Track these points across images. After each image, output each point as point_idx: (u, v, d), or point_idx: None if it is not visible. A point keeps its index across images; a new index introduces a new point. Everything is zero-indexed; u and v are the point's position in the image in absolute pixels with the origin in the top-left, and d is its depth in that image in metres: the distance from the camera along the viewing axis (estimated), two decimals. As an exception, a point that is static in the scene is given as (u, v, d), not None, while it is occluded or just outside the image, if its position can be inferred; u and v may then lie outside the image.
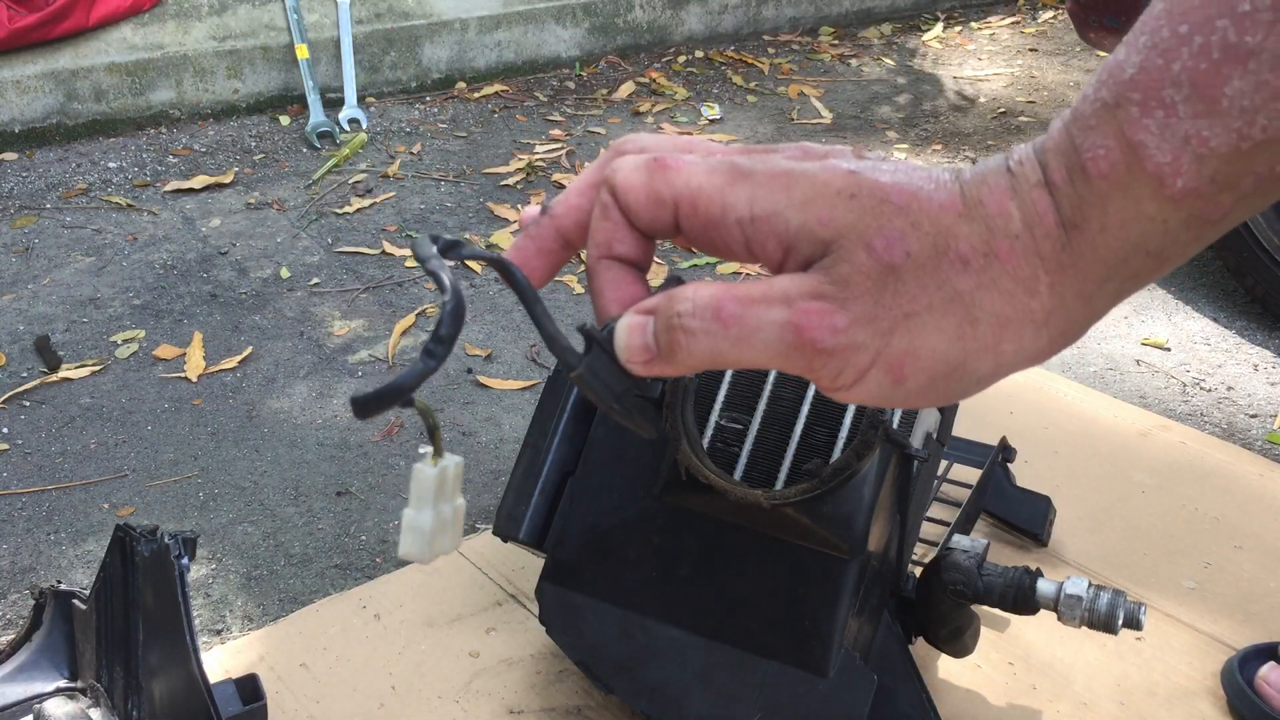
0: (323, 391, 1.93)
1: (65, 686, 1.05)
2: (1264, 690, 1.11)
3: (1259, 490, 1.49)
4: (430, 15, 3.42)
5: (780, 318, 0.39)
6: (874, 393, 0.39)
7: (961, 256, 0.38)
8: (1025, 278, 0.38)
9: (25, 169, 2.84)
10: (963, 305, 0.38)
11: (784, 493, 0.93)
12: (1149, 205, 0.36)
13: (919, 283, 0.38)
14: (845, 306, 0.38)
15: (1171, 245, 0.37)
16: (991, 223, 0.38)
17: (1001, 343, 0.39)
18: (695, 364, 0.41)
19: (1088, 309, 0.39)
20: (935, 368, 0.39)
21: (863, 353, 0.38)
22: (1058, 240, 0.38)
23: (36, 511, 1.62)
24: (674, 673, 1.00)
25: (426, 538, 0.48)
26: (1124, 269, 0.38)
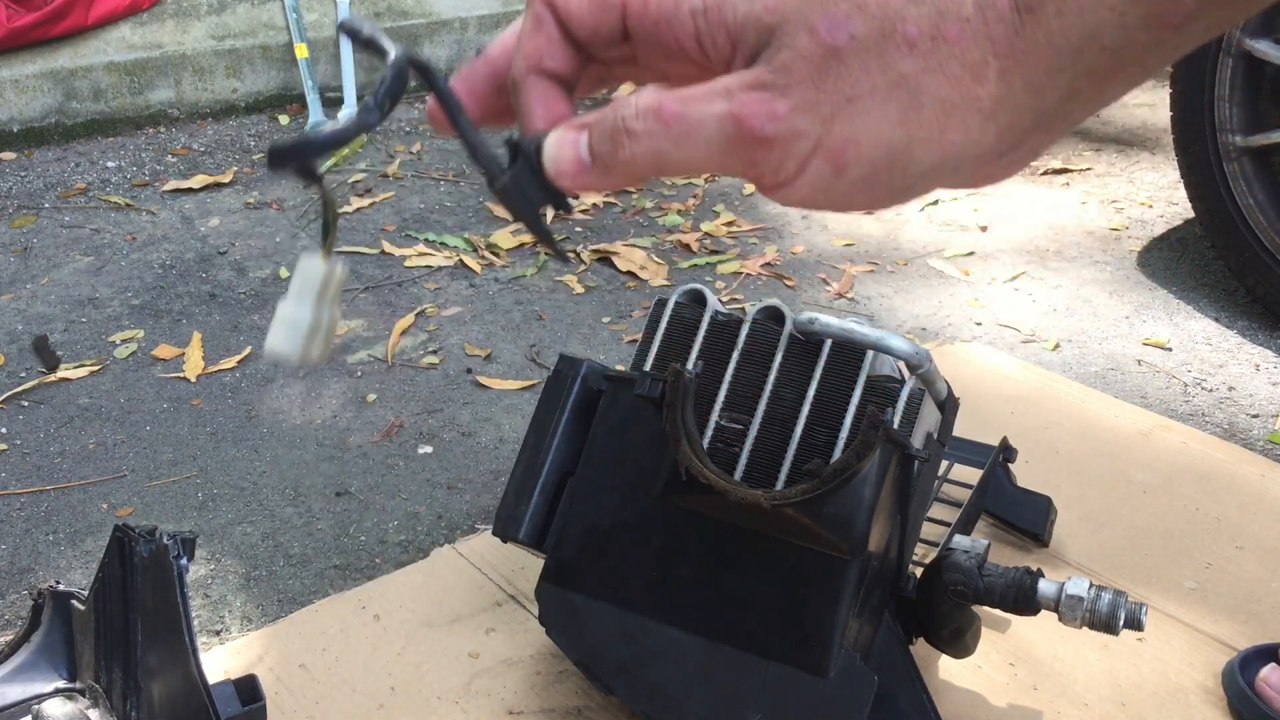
0: (322, 392, 1.93)
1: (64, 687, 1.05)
2: (1265, 692, 1.11)
3: (1261, 490, 1.49)
4: (430, 14, 3.42)
5: (720, 110, 0.38)
6: (816, 186, 0.38)
7: (908, 38, 0.37)
8: (973, 62, 0.37)
9: (24, 168, 2.84)
10: (907, 89, 0.37)
11: (784, 493, 0.93)
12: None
13: (862, 66, 0.37)
14: (786, 94, 0.37)
15: (1129, 44, 0.36)
16: (943, 5, 0.37)
17: (947, 130, 0.37)
18: (636, 170, 0.40)
19: (1036, 100, 0.37)
20: (877, 155, 0.37)
21: (803, 140, 0.37)
22: (1010, 24, 0.36)
23: (35, 511, 1.62)
24: (674, 673, 1.00)
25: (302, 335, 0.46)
26: (1077, 61, 0.36)
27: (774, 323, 1.05)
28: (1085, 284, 2.34)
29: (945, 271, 2.39)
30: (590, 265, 2.39)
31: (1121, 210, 2.71)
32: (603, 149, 0.40)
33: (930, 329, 2.16)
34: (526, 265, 2.39)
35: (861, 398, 0.99)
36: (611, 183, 0.41)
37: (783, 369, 1.02)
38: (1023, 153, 0.39)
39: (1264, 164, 2.07)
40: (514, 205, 0.43)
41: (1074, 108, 0.38)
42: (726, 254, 2.46)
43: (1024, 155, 0.39)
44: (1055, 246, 2.51)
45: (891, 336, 0.98)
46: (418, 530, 1.58)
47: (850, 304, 2.26)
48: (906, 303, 2.26)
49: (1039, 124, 0.38)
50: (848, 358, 1.01)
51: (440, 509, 1.62)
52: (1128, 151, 3.07)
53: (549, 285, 2.32)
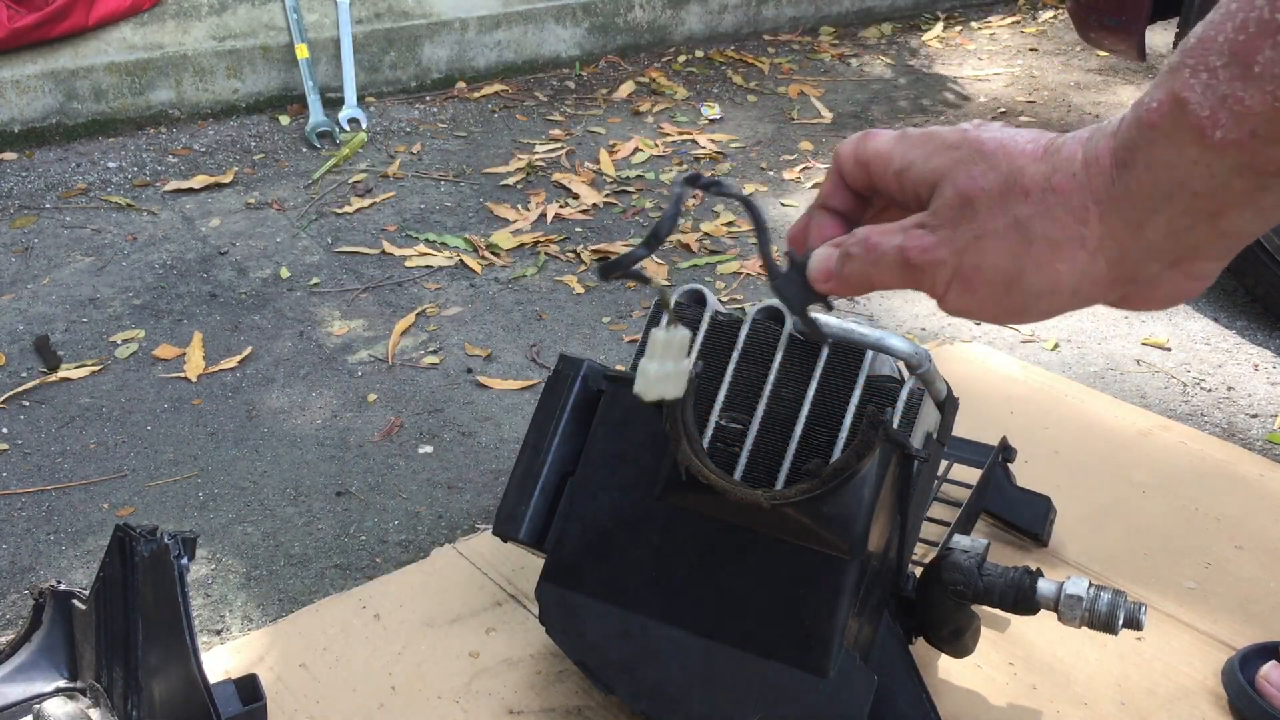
0: (323, 391, 1.93)
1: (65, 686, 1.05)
2: (1265, 689, 1.11)
3: (1260, 490, 1.49)
4: (430, 15, 3.42)
5: (896, 242, 0.51)
6: (959, 302, 0.50)
7: (1024, 189, 0.47)
8: (1076, 208, 0.46)
9: (25, 169, 2.84)
10: (1020, 229, 0.47)
11: (784, 493, 0.93)
12: (1190, 150, 0.42)
13: (989, 211, 0.48)
14: (935, 232, 0.49)
15: (1222, 189, 0.42)
16: (1058, 163, 0.47)
17: (1055, 261, 0.47)
18: (854, 282, 0.54)
19: (1138, 237, 0.45)
20: (996, 279, 0.48)
21: (944, 267, 0.49)
22: (1109, 177, 0.45)
23: (36, 511, 1.62)
24: (674, 673, 1.00)
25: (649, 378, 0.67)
26: (1170, 203, 0.44)
27: (774, 323, 1.05)
28: (1085, 284, 2.34)
29: (945, 271, 2.39)
30: (590, 265, 2.40)
31: (1121, 210, 2.71)
32: (839, 265, 0.55)
33: (930, 329, 2.16)
34: (526, 265, 2.40)
35: (861, 398, 0.99)
36: (847, 288, 0.55)
37: (783, 369, 1.02)
38: (1154, 280, 0.47)
39: (1263, 164, 2.07)
40: (783, 297, 0.59)
41: (1189, 240, 0.45)
42: (726, 254, 2.46)
43: (1160, 282, 0.47)
44: (1055, 246, 2.51)
45: (891, 336, 0.98)
46: (418, 530, 1.58)
47: (850, 304, 2.26)
48: (906, 303, 2.26)
49: (1150, 255, 0.46)
50: (848, 358, 1.01)
51: (440, 509, 1.63)
52: (1127, 151, 3.07)
53: (549, 285, 2.32)
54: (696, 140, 3.10)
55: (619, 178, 2.86)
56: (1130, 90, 3.54)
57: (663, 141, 3.09)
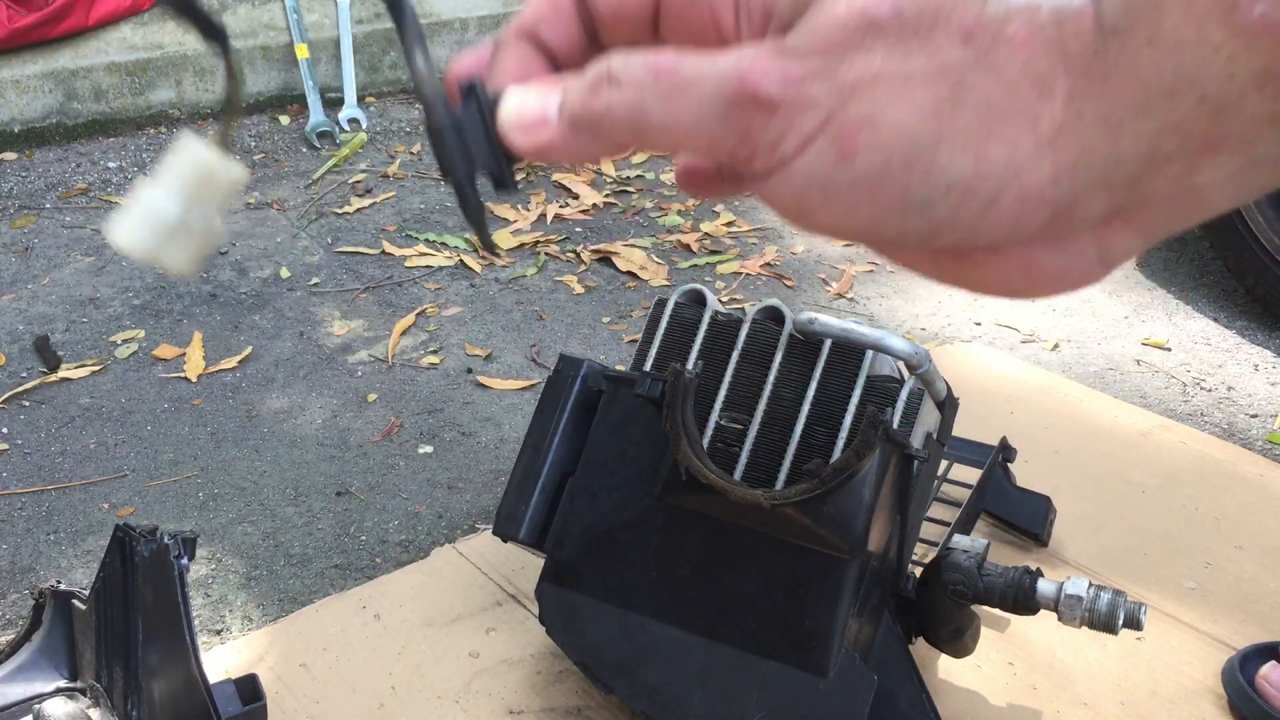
0: (323, 391, 1.93)
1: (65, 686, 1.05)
2: (1265, 689, 1.11)
3: (1259, 490, 1.49)
4: (430, 15, 3.42)
5: (725, 67, 0.31)
6: (814, 174, 0.31)
7: (964, 29, 0.31)
8: (1039, 71, 0.30)
9: (25, 169, 2.84)
10: (948, 80, 0.30)
11: (784, 493, 0.93)
12: (1214, 30, 0.28)
13: (901, 45, 0.31)
14: (804, 59, 0.31)
15: (1234, 103, 0.29)
16: (1013, 7, 0.31)
17: (989, 140, 0.30)
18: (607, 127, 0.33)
19: (1110, 143, 0.30)
20: (894, 145, 0.31)
21: (812, 110, 0.31)
22: (1091, 42, 0.30)
23: (36, 511, 1.62)
24: (674, 673, 1.00)
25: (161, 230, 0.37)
26: (1168, 105, 0.29)
27: (774, 323, 1.05)
28: (1085, 284, 2.34)
29: (945, 271, 2.39)
30: (590, 265, 2.40)
31: (1121, 210, 2.71)
32: (576, 99, 0.33)
33: (930, 329, 2.16)
34: (527, 265, 2.39)
35: (861, 398, 0.99)
36: (574, 147, 0.34)
37: (782, 369, 1.02)
38: (1076, 231, 0.32)
39: (1263, 164, 2.07)
40: (447, 153, 0.36)
41: (1155, 182, 0.31)
42: (726, 254, 2.46)
43: (1075, 243, 0.32)
44: (1055, 246, 2.51)
45: (891, 336, 0.98)
46: (418, 530, 1.58)
47: (850, 304, 2.26)
48: (906, 303, 2.26)
49: (1107, 182, 0.31)
50: (847, 358, 1.01)
51: (440, 509, 1.63)
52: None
53: (549, 285, 2.32)
54: None
55: (619, 178, 2.86)
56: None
57: (663, 141, 3.09)
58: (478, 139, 0.35)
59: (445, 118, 0.36)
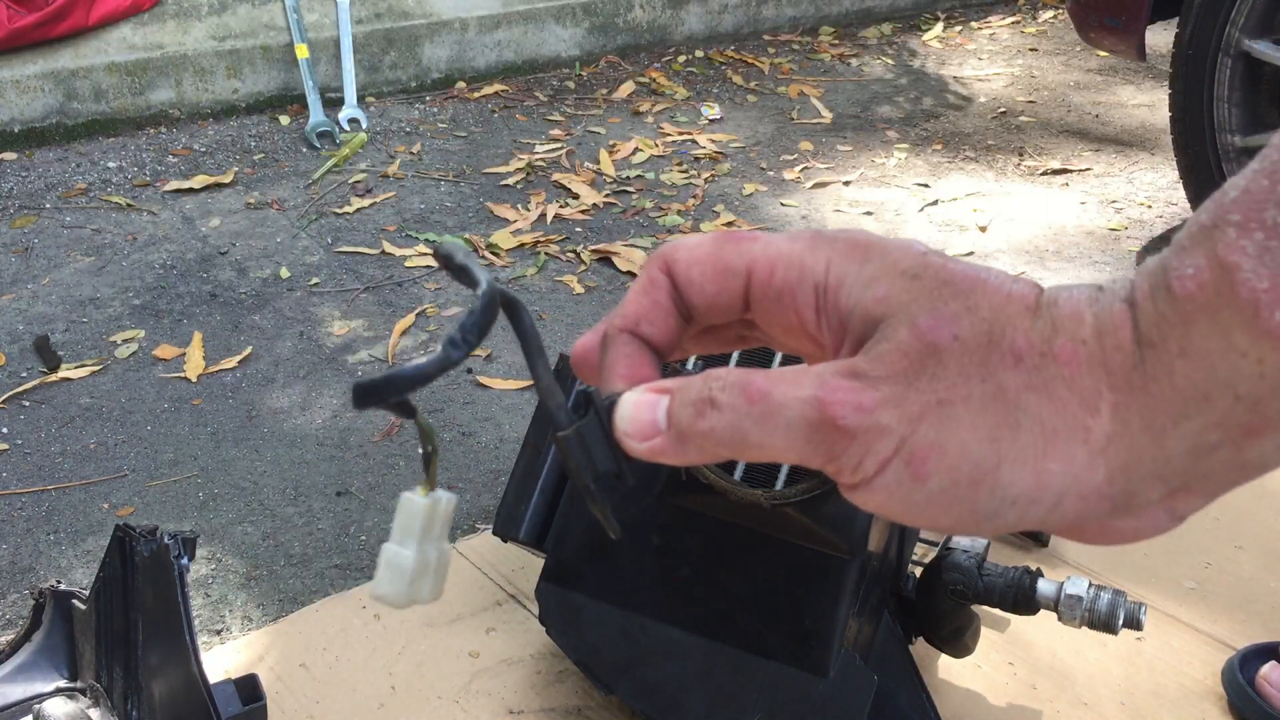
0: (323, 391, 1.93)
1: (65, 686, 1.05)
2: (1265, 689, 1.11)
3: (1259, 490, 1.49)
4: (430, 15, 3.42)
5: (807, 394, 0.35)
6: (894, 491, 0.35)
7: (1015, 350, 0.34)
8: (1085, 389, 0.33)
9: (25, 169, 2.84)
10: (1005, 403, 0.34)
11: (784, 493, 0.93)
12: (1239, 337, 0.31)
13: (961, 370, 0.34)
14: (876, 386, 0.34)
15: (1269, 395, 0.31)
16: (1059, 322, 0.34)
17: (1045, 458, 0.34)
18: (711, 444, 0.37)
19: (1157, 446, 0.33)
20: (961, 468, 0.34)
21: (886, 437, 0.34)
22: (1130, 355, 0.33)
23: (36, 511, 1.62)
24: (674, 673, 1.00)
25: (406, 578, 0.43)
26: (1206, 408, 0.32)
27: (774, 323, 1.05)
28: (1085, 284, 2.34)
29: (945, 271, 2.39)
30: (590, 265, 2.40)
31: (1121, 210, 2.71)
32: (683, 415, 0.37)
33: (930, 329, 2.16)
34: (527, 265, 2.40)
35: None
36: (683, 455, 0.38)
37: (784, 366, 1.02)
38: (1141, 508, 0.35)
39: (1263, 164, 2.07)
40: (573, 461, 0.40)
41: (1207, 464, 0.33)
42: (726, 254, 2.46)
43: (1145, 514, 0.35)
44: (1055, 247, 2.51)
45: (891, 336, 0.98)
46: (418, 530, 1.58)
47: (850, 304, 2.26)
48: (906, 303, 2.26)
49: (1160, 475, 0.34)
50: (847, 358, 1.01)
51: (440, 509, 1.63)
52: (1127, 152, 3.07)
53: (549, 285, 2.32)
54: (696, 140, 3.10)
55: (619, 178, 2.86)
56: (1130, 90, 3.54)
57: (663, 141, 3.09)
58: (598, 443, 0.39)
59: (570, 430, 0.39)
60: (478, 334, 0.38)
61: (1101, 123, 3.29)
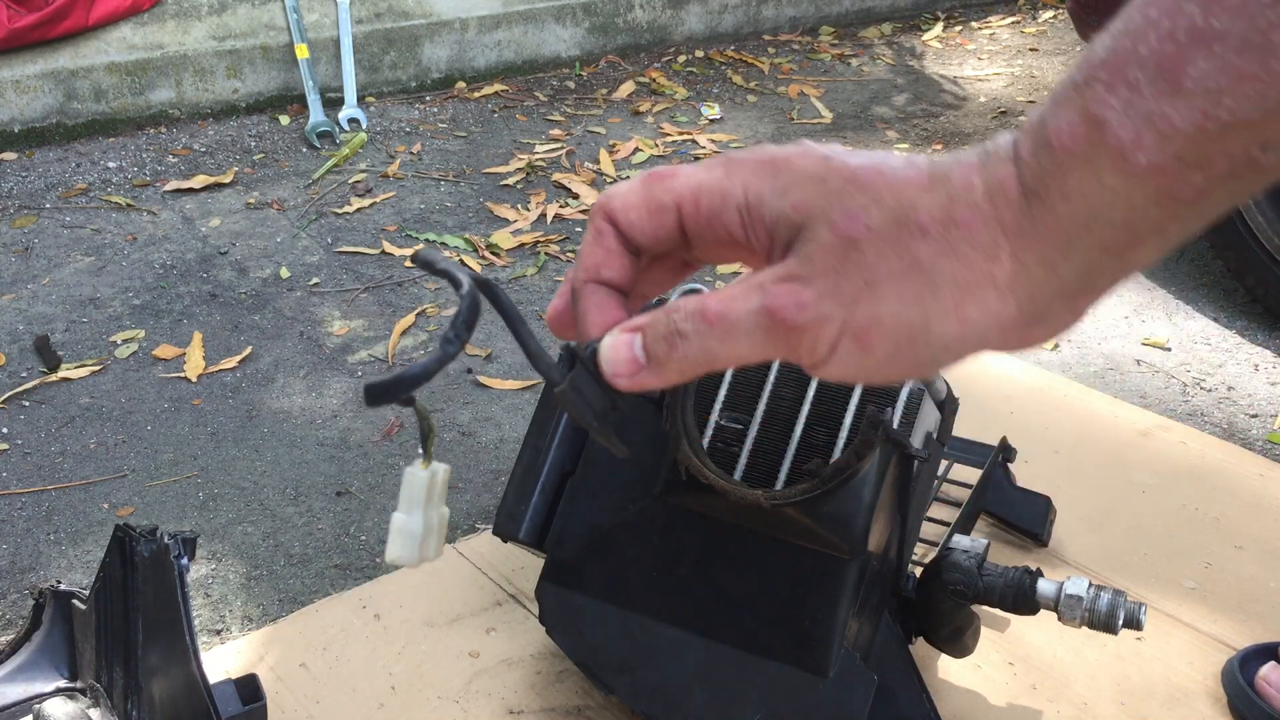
0: (323, 391, 1.93)
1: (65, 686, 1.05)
2: (1264, 690, 1.11)
3: (1259, 490, 1.49)
4: (430, 15, 3.42)
5: (755, 304, 0.41)
6: (848, 364, 0.41)
7: (921, 226, 0.40)
8: (985, 244, 0.39)
9: (25, 169, 2.84)
10: (922, 272, 0.40)
11: (784, 493, 0.93)
12: (1110, 178, 0.37)
13: (878, 253, 0.40)
14: (811, 283, 0.40)
15: (1141, 220, 0.38)
16: (954, 193, 0.40)
17: (963, 306, 0.40)
18: (688, 367, 0.43)
19: (1054, 276, 0.39)
20: (899, 333, 0.40)
21: (830, 324, 0.40)
22: (1018, 208, 0.39)
23: (36, 511, 1.62)
24: (674, 673, 1.00)
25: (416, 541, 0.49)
26: (1088, 237, 0.38)
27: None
28: (1085, 284, 2.34)
29: (945, 271, 2.39)
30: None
31: (1121, 210, 2.71)
32: (657, 349, 0.43)
33: (930, 329, 2.16)
34: (526, 265, 2.40)
35: (861, 398, 0.99)
36: (664, 380, 0.44)
37: (782, 368, 1.02)
38: (1053, 320, 0.41)
39: (1263, 164, 2.07)
40: (574, 408, 0.45)
41: (1097, 278, 0.40)
42: (726, 254, 2.46)
43: (1056, 321, 0.41)
44: (1055, 246, 2.51)
45: (891, 336, 0.98)
46: (418, 530, 1.58)
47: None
48: (906, 303, 2.26)
49: (1060, 293, 0.40)
50: (847, 358, 1.01)
51: (440, 509, 1.63)
52: (1127, 152, 3.07)
53: (549, 285, 2.32)
54: (696, 140, 3.10)
55: (619, 178, 2.86)
56: (1130, 90, 3.53)
57: (663, 141, 3.09)
58: (590, 387, 0.45)
59: (564, 384, 0.44)
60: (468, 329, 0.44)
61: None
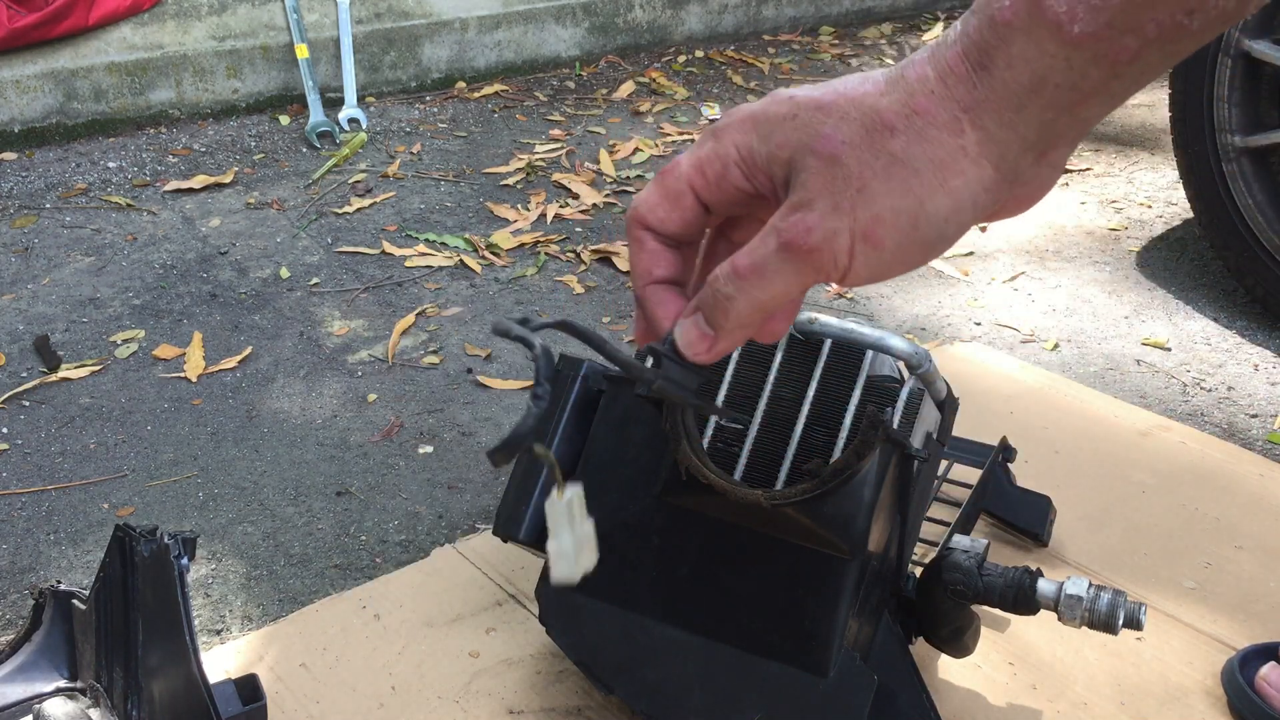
0: (323, 391, 1.93)
1: (65, 686, 1.05)
2: (1264, 690, 1.11)
3: (1259, 490, 1.49)
4: (430, 15, 3.42)
5: (773, 244, 0.46)
6: (870, 265, 0.46)
7: (888, 125, 0.45)
8: (947, 122, 0.44)
9: (25, 169, 2.84)
10: (901, 163, 0.44)
11: (784, 493, 0.93)
12: (1050, 45, 0.42)
13: (859, 160, 0.45)
14: (812, 207, 0.45)
15: (1083, 79, 0.43)
16: (910, 88, 0.45)
17: (946, 181, 0.45)
18: (745, 321, 0.49)
19: (1015, 135, 0.44)
20: (900, 221, 0.45)
21: (840, 236, 0.45)
22: (969, 82, 0.44)
23: (36, 511, 1.62)
24: (674, 673, 1.00)
25: (571, 560, 0.56)
26: (1037, 98, 0.43)
27: (774, 323, 1.05)
28: (1084, 284, 2.34)
29: (945, 271, 2.39)
30: (590, 265, 2.40)
31: (1121, 210, 2.71)
32: (715, 318, 0.49)
33: (930, 329, 2.16)
34: (526, 265, 2.40)
35: (861, 398, 0.99)
36: (735, 339, 0.50)
37: (782, 369, 1.02)
38: (1031, 178, 0.46)
39: (1263, 164, 2.07)
40: (672, 394, 0.51)
41: (1056, 132, 0.45)
42: (726, 254, 2.46)
43: (1034, 179, 0.47)
44: (1054, 247, 2.51)
45: (891, 336, 0.99)
46: (418, 530, 1.58)
47: (850, 304, 2.26)
48: (906, 303, 2.26)
49: (1026, 148, 0.45)
50: (847, 358, 1.01)
51: (441, 509, 1.63)
52: (1127, 152, 3.07)
53: (549, 285, 2.32)
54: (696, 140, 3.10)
55: (619, 178, 2.86)
56: (1130, 90, 3.54)
57: (663, 141, 3.09)
58: (679, 374, 0.51)
59: (657, 379, 0.51)
60: (550, 382, 0.50)
61: (1101, 123, 3.29)
